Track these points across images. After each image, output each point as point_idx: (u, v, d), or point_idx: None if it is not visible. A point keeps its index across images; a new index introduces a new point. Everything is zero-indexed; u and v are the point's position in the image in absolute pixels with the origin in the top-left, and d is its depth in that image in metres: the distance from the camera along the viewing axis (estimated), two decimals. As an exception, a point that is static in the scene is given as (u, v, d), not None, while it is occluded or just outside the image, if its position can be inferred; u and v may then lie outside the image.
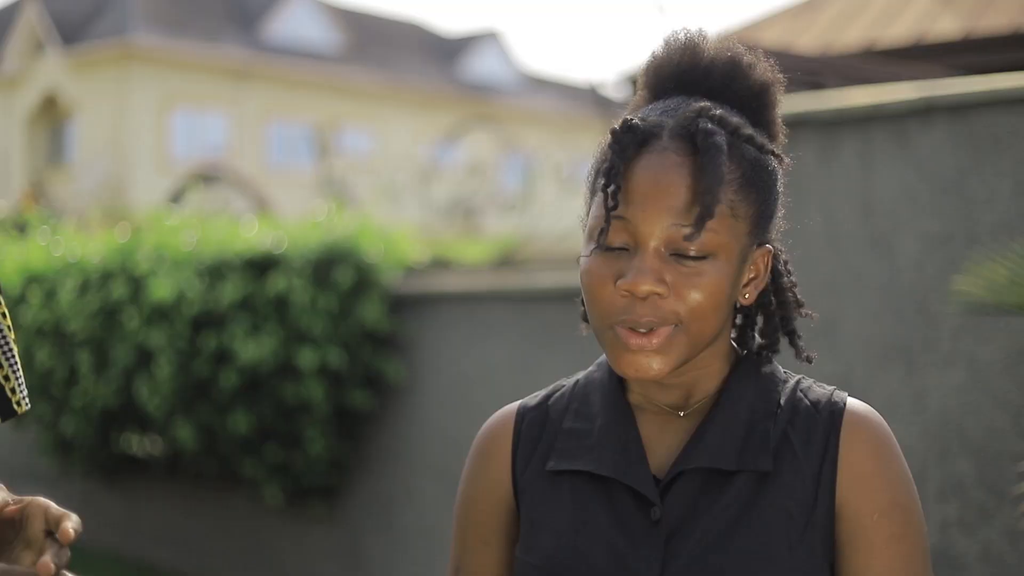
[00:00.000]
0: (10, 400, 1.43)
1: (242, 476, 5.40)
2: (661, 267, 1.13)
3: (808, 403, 1.21)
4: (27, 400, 1.48)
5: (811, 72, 4.39)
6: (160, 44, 24.79)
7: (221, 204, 8.41)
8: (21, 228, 7.47)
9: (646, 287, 1.11)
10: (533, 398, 1.30)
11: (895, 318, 3.08)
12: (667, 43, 1.25)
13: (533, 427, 1.27)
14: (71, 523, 1.11)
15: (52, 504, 1.14)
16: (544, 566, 1.20)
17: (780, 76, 1.25)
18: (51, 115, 26.43)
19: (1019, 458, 2.76)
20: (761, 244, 1.20)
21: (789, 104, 3.36)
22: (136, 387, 5.45)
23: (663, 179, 1.13)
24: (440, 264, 5.32)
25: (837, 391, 1.23)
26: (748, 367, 1.24)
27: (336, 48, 28.62)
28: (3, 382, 1.42)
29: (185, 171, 16.30)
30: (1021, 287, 2.24)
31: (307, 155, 24.89)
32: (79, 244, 6.15)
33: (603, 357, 1.28)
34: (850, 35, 6.50)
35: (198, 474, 5.79)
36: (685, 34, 1.24)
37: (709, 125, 1.14)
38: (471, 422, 4.86)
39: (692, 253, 1.13)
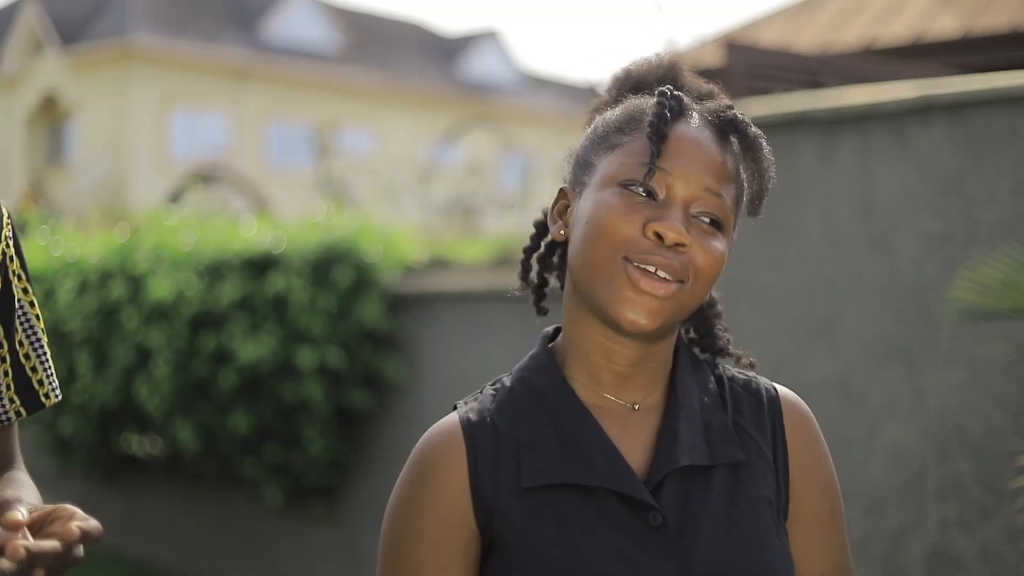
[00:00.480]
0: (37, 392, 1.42)
1: (242, 476, 5.40)
2: (688, 223, 1.17)
3: (742, 391, 1.27)
4: (57, 392, 1.46)
5: (810, 71, 4.39)
6: (160, 44, 24.78)
7: (220, 204, 8.41)
8: (20, 228, 7.47)
9: (678, 235, 1.14)
10: (471, 412, 1.23)
11: (895, 318, 3.08)
12: (649, 61, 1.31)
13: (487, 445, 1.20)
14: (83, 523, 1.08)
15: (79, 511, 1.12)
16: None
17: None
18: (50, 115, 26.43)
19: (1019, 457, 2.76)
20: None
21: (788, 103, 3.37)
22: (135, 387, 5.45)
23: (705, 146, 1.19)
24: (439, 264, 5.32)
25: (756, 377, 1.29)
26: (686, 359, 1.27)
27: (336, 48, 28.62)
28: (30, 374, 1.41)
29: (185, 171, 16.30)
30: (1015, 291, 2.23)
31: (307, 155, 24.90)
32: (78, 244, 6.15)
33: (533, 359, 1.27)
34: (849, 34, 6.49)
35: (198, 474, 5.78)
36: (669, 57, 1.32)
37: (744, 118, 1.23)
38: (470, 422, 4.86)
39: (712, 219, 1.18)
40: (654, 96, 1.22)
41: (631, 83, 1.30)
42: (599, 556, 1.14)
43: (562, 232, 1.25)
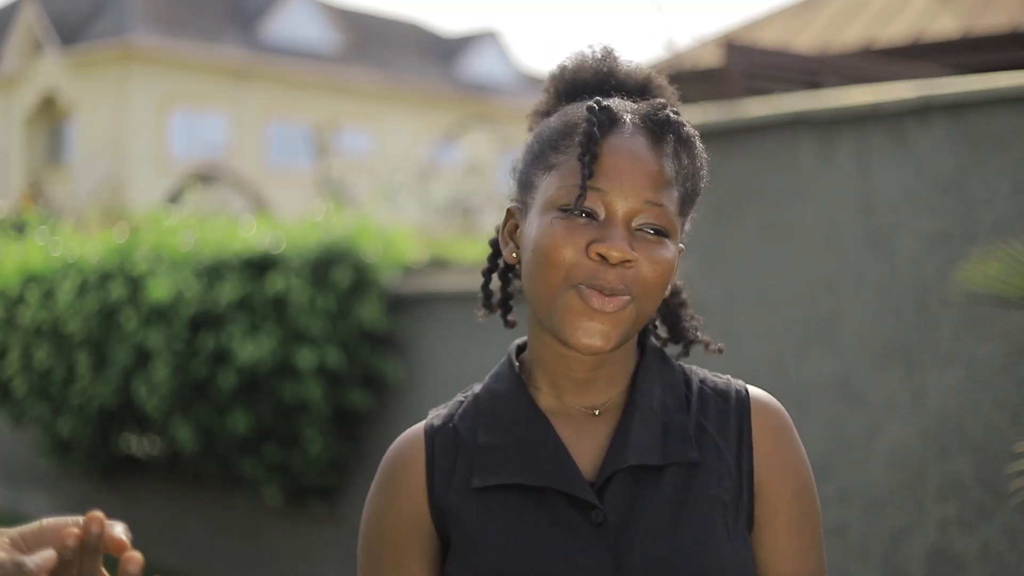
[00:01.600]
0: None
1: (241, 476, 5.40)
2: (631, 239, 1.17)
3: (712, 393, 1.27)
4: None
5: (810, 71, 4.39)
6: (159, 44, 24.78)
7: (220, 204, 8.40)
8: (20, 228, 7.46)
9: (621, 253, 1.15)
10: (437, 418, 1.29)
11: (894, 317, 3.08)
12: (583, 55, 1.31)
13: (445, 447, 1.25)
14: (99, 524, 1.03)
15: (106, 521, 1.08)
16: None
17: (680, 103, 1.32)
18: (50, 115, 26.43)
19: (1018, 457, 2.76)
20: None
21: (787, 103, 3.37)
22: (135, 387, 5.45)
23: (639, 157, 1.18)
24: (439, 264, 5.31)
25: (732, 379, 1.29)
26: (651, 362, 1.28)
27: (335, 48, 28.62)
28: None
29: (184, 171, 16.29)
30: (1021, 280, 2.23)
31: (306, 155, 24.89)
32: (77, 244, 6.15)
33: (499, 368, 1.30)
34: (849, 34, 6.50)
35: (197, 474, 5.78)
36: (602, 48, 1.31)
37: (678, 116, 1.21)
38: (470, 422, 4.86)
39: (656, 230, 1.18)
40: (587, 103, 1.21)
41: (567, 79, 1.30)
42: (539, 553, 1.17)
43: (514, 255, 1.28)
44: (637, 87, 1.29)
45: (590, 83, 1.29)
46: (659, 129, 1.20)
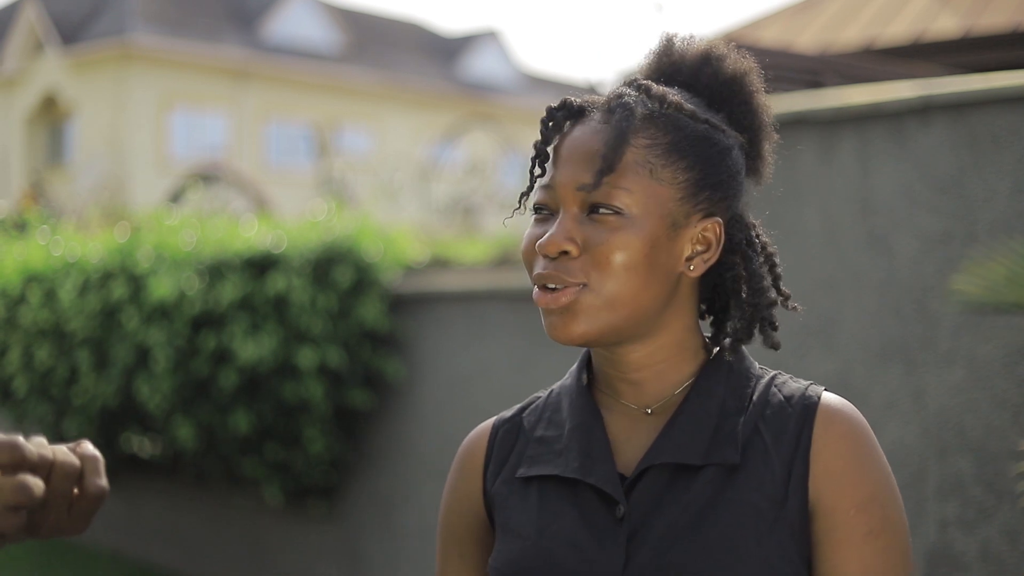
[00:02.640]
0: None
1: (242, 475, 5.40)
2: (574, 228, 1.16)
3: (781, 398, 1.21)
4: None
5: (810, 71, 4.39)
6: (159, 44, 24.78)
7: (220, 204, 8.40)
8: (21, 228, 7.47)
9: (553, 246, 1.15)
10: (509, 411, 1.32)
11: (894, 317, 3.09)
12: (649, 48, 1.30)
13: (507, 439, 1.29)
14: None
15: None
16: (510, 570, 1.20)
17: (754, 66, 1.28)
18: (50, 115, 26.43)
19: (1018, 456, 2.76)
20: (709, 216, 1.21)
21: (788, 103, 3.37)
22: (136, 387, 5.45)
23: (580, 143, 1.18)
24: (439, 263, 5.32)
25: (813, 385, 1.23)
26: (718, 364, 1.24)
27: (336, 48, 28.61)
28: None
29: (184, 171, 16.29)
30: (1019, 285, 2.24)
31: (306, 155, 24.88)
32: (79, 244, 6.15)
33: (574, 366, 1.31)
34: (849, 34, 6.50)
35: (198, 474, 5.79)
36: (664, 36, 1.29)
37: (626, 90, 1.20)
38: (469, 421, 4.86)
39: (603, 210, 1.15)
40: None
41: (640, 75, 1.29)
42: (558, 545, 1.18)
43: None
44: (692, 67, 1.27)
45: (652, 75, 1.28)
46: (607, 113, 1.19)
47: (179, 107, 25.24)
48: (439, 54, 31.63)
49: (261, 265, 5.15)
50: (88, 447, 0.99)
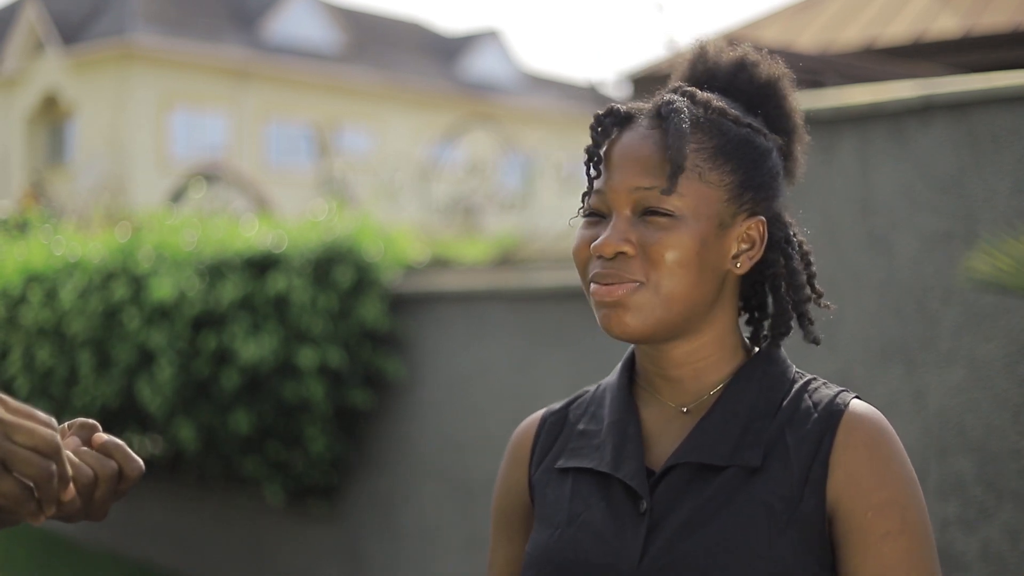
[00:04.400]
0: None
1: (243, 475, 5.40)
2: (628, 229, 1.21)
3: (810, 403, 1.24)
4: None
5: (810, 70, 4.40)
6: (160, 44, 24.79)
7: (221, 204, 8.40)
8: (22, 228, 7.47)
9: (610, 247, 1.20)
10: (559, 403, 1.39)
11: (894, 317, 3.09)
12: (683, 54, 1.36)
13: (552, 430, 1.36)
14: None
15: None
16: (540, 556, 1.26)
17: (786, 71, 1.35)
18: (51, 115, 26.44)
19: (1019, 456, 2.77)
20: (753, 215, 1.26)
21: (788, 103, 3.37)
22: (137, 387, 5.46)
23: (631, 148, 1.23)
24: (440, 263, 5.32)
25: (844, 392, 1.26)
26: (754, 367, 1.28)
27: (336, 48, 28.62)
28: None
29: (185, 171, 16.28)
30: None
31: (307, 155, 24.90)
32: (80, 244, 6.15)
33: (620, 363, 1.35)
34: (849, 33, 6.50)
35: (199, 473, 5.79)
36: (698, 42, 1.35)
37: (675, 97, 1.24)
38: (470, 420, 4.87)
39: (660, 211, 1.20)
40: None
41: (676, 80, 1.33)
42: (584, 536, 1.23)
43: None
44: (728, 73, 1.32)
45: (688, 81, 1.33)
46: (656, 119, 1.23)
47: (179, 107, 25.25)
48: (439, 54, 31.63)
49: (262, 265, 5.16)
50: (103, 437, 1.04)
